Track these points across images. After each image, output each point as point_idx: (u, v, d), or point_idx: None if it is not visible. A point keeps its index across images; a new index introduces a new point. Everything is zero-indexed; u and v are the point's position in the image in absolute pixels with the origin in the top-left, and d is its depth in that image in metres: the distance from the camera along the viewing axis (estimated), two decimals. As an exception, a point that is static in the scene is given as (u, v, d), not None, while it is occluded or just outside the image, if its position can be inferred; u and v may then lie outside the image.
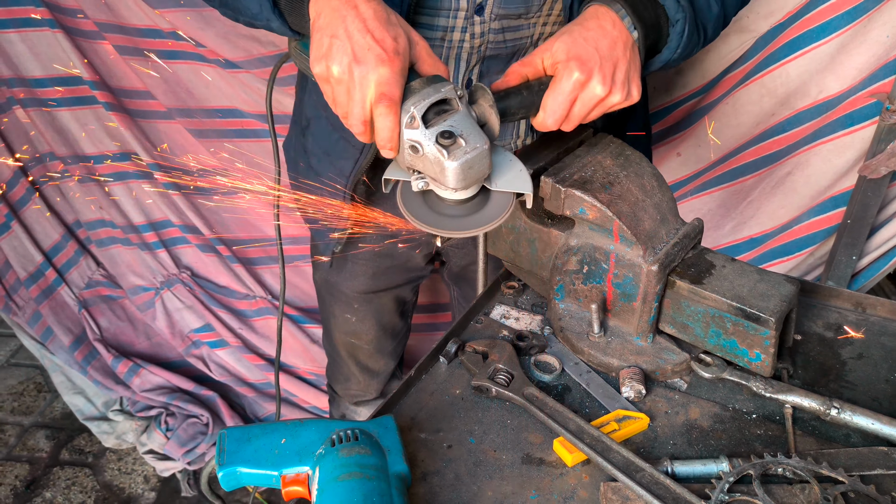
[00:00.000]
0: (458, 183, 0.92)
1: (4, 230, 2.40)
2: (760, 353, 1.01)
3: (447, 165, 0.90)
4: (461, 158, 0.90)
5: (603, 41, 0.99)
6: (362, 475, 0.84)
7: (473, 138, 0.91)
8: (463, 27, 1.19)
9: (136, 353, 2.67)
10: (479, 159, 0.92)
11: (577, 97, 1.00)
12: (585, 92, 0.99)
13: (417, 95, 0.90)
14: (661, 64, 1.12)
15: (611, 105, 1.02)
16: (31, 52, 2.14)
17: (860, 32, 1.64)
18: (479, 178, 0.95)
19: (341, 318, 1.73)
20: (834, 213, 1.85)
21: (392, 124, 0.90)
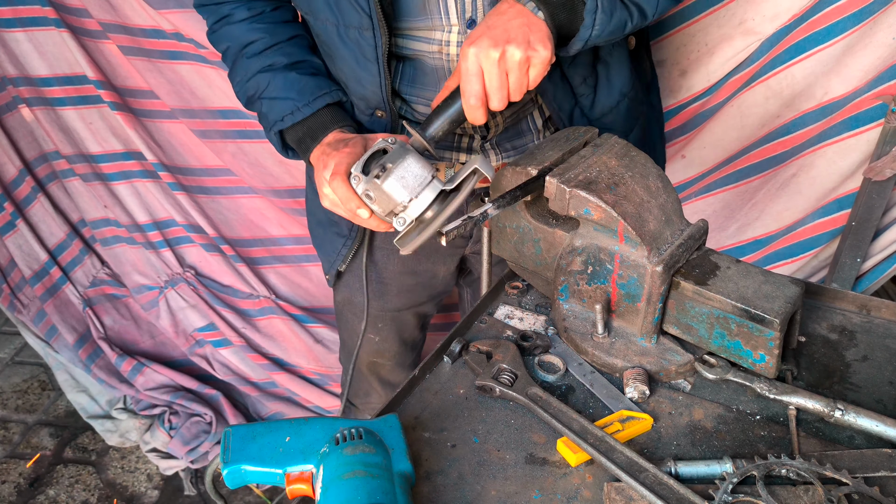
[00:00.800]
0: (402, 194, 1.07)
1: (10, 229, 2.41)
2: (765, 355, 1.01)
3: (385, 186, 1.06)
4: (391, 176, 1.06)
5: (501, 20, 1.05)
6: (366, 473, 0.84)
7: (397, 158, 1.07)
8: (458, 42, 1.22)
9: (139, 351, 2.67)
10: (405, 168, 1.06)
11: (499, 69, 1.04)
12: (507, 60, 1.03)
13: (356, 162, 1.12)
14: (582, 42, 1.14)
15: (542, 61, 1.05)
16: (36, 51, 2.15)
17: (866, 35, 1.64)
18: (420, 181, 1.07)
19: (365, 338, 1.71)
20: (839, 215, 1.85)
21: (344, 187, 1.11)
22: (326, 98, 1.29)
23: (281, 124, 1.29)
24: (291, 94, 1.28)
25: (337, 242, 1.53)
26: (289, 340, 2.56)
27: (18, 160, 2.37)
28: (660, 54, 1.85)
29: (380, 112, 1.32)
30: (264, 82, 1.30)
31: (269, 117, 1.31)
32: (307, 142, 1.27)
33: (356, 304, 1.64)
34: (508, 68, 1.04)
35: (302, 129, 1.28)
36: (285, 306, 2.52)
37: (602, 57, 1.35)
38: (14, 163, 2.36)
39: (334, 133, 1.25)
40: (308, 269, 2.50)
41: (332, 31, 1.24)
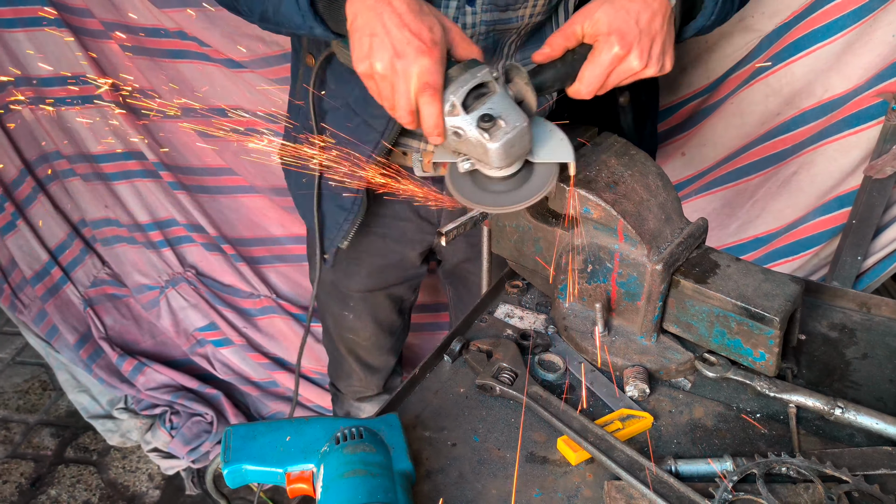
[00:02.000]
0: (502, 161, 0.95)
1: (10, 229, 2.41)
2: (765, 353, 1.01)
3: (489, 147, 0.93)
4: (502, 139, 0.93)
5: (644, 14, 0.99)
6: (367, 473, 0.84)
7: (512, 118, 0.94)
8: (454, 17, 1.18)
9: (140, 351, 2.67)
10: (519, 137, 0.94)
11: (614, 70, 1.01)
12: (623, 65, 1.01)
13: (456, 83, 0.94)
14: (694, 31, 1.12)
15: (644, 76, 1.04)
16: (37, 51, 2.15)
17: (866, 32, 1.63)
18: (522, 154, 0.98)
19: (339, 315, 1.75)
20: (839, 213, 1.85)
21: (437, 111, 0.93)
22: None
23: None
24: None
25: (339, 216, 1.42)
26: (290, 340, 2.56)
27: (19, 160, 2.37)
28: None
29: None
30: None
31: None
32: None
33: (327, 282, 1.66)
34: (633, 79, 1.03)
35: None
36: (286, 306, 2.52)
37: None
38: (14, 163, 2.36)
39: None
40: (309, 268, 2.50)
41: None
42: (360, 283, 1.65)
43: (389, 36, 0.92)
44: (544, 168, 1.01)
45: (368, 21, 0.94)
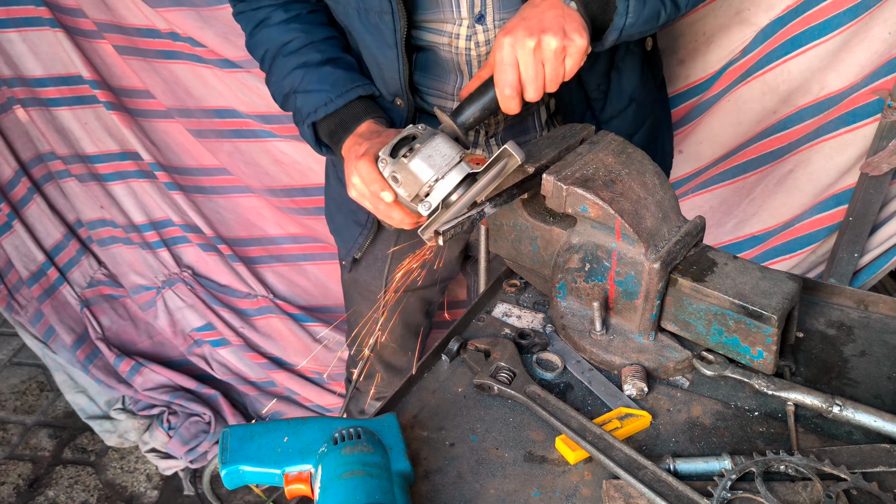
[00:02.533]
0: (431, 172, 1.03)
1: (6, 230, 2.41)
2: (762, 351, 1.01)
3: (412, 165, 1.04)
4: (418, 154, 1.04)
5: (536, 11, 1.06)
6: (365, 473, 0.84)
7: (426, 138, 1.05)
8: (468, 35, 1.24)
9: (137, 351, 2.67)
10: (435, 146, 1.04)
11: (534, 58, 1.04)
12: (543, 49, 1.03)
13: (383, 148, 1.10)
14: (617, 32, 1.14)
15: (578, 50, 1.05)
16: (31, 51, 2.14)
17: (862, 30, 1.64)
18: (450, 160, 1.04)
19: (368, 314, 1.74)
20: (836, 210, 1.85)
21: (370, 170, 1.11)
22: (359, 90, 1.29)
23: (314, 116, 1.30)
24: (325, 87, 1.29)
25: (354, 230, 1.55)
26: (287, 339, 2.56)
27: (14, 161, 2.37)
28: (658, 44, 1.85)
29: (399, 100, 1.33)
30: (299, 77, 1.32)
31: (303, 111, 1.31)
32: (339, 133, 1.27)
33: (360, 282, 1.67)
34: (544, 58, 1.04)
35: (335, 120, 1.29)
36: (283, 305, 2.52)
37: (616, 64, 1.37)
38: (10, 164, 2.36)
39: (367, 123, 1.25)
40: (306, 267, 2.49)
41: (353, 16, 1.25)
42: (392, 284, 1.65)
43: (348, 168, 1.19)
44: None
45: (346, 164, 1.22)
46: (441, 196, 1.05)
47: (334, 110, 1.28)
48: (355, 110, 1.28)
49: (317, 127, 1.33)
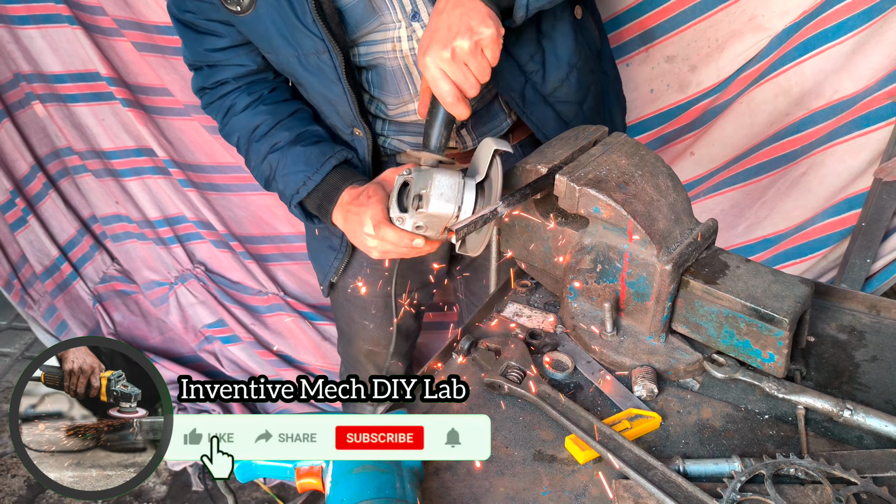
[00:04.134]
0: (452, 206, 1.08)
1: (21, 224, 2.43)
2: (774, 354, 1.01)
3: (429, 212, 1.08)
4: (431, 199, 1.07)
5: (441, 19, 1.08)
6: (376, 469, 0.85)
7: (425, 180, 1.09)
8: (408, 36, 1.25)
9: (149, 347, 2.69)
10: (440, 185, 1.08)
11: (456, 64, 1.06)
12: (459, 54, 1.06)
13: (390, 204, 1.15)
14: (523, 8, 1.15)
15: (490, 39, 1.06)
16: (50, 48, 2.16)
17: (876, 32, 1.63)
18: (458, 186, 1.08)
19: (360, 324, 1.75)
20: (848, 214, 1.84)
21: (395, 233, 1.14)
22: (332, 161, 1.34)
23: (297, 197, 1.36)
24: (300, 167, 1.34)
25: (329, 255, 1.59)
26: (297, 337, 2.57)
27: (30, 156, 2.39)
28: (670, 50, 1.85)
29: (357, 130, 1.38)
30: (275, 162, 1.38)
31: (287, 192, 1.37)
32: (325, 206, 1.33)
33: (350, 290, 1.67)
34: (465, 60, 1.06)
35: (318, 195, 1.34)
36: (294, 303, 2.53)
37: (545, 31, 1.37)
38: (26, 159, 2.38)
39: (348, 191, 1.30)
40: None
41: (294, 63, 1.30)
42: (383, 289, 1.65)
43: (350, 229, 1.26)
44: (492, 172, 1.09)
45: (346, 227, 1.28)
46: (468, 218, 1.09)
47: (314, 187, 1.34)
48: (333, 181, 1.33)
49: (303, 205, 1.39)
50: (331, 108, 1.37)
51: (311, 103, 1.44)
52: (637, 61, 1.89)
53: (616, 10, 1.83)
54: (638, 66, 1.90)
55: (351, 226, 1.25)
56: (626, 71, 1.91)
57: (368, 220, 1.18)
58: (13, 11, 2.10)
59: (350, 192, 1.29)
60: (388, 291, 1.66)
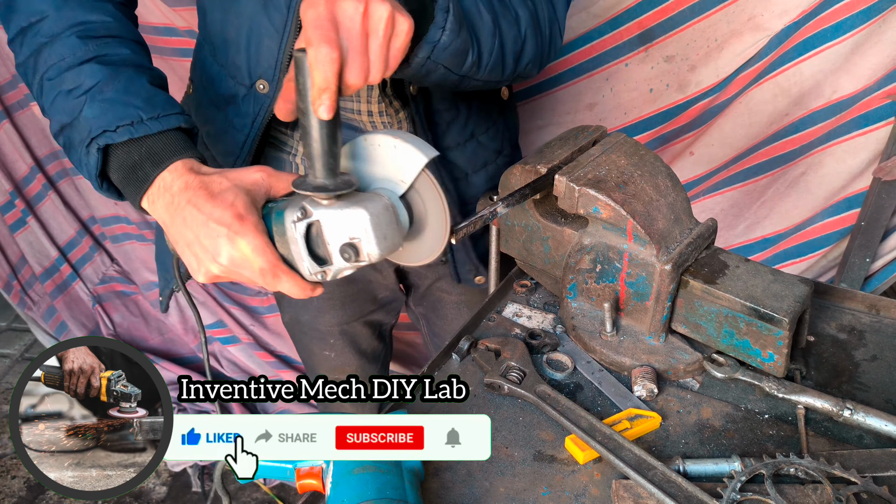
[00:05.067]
0: (393, 247, 0.88)
1: (21, 225, 2.43)
2: (773, 354, 1.01)
3: (375, 260, 0.86)
4: (374, 247, 0.84)
5: None
6: (376, 469, 0.85)
7: (355, 224, 0.83)
8: None
9: (148, 348, 2.69)
10: (380, 228, 0.84)
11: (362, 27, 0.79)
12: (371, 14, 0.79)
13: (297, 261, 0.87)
14: (430, 46, 0.94)
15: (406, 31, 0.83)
16: (48, 49, 2.16)
17: (875, 32, 1.63)
18: (395, 223, 0.88)
19: (320, 355, 1.64)
20: (848, 214, 1.84)
21: (293, 281, 0.88)
22: (181, 119, 0.95)
23: (112, 136, 0.91)
24: (135, 101, 0.93)
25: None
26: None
27: (30, 157, 2.39)
28: (670, 49, 1.85)
29: (263, 84, 1.11)
30: (97, 74, 0.93)
31: (94, 123, 0.91)
32: (146, 168, 0.91)
33: (303, 322, 1.59)
34: (370, 29, 0.79)
35: (139, 150, 0.92)
36: (293, 304, 2.53)
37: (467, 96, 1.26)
38: (25, 160, 2.38)
39: (188, 161, 0.91)
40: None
41: None
42: (338, 317, 1.56)
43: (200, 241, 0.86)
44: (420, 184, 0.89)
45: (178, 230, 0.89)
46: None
47: (144, 135, 0.92)
48: (172, 142, 0.93)
49: (109, 154, 0.93)
50: (245, 40, 1.09)
51: (208, 31, 1.14)
52: (636, 61, 1.89)
53: (615, 10, 1.83)
54: (637, 65, 1.90)
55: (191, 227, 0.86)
56: (625, 71, 1.91)
57: (249, 251, 0.85)
58: (12, 12, 2.10)
59: (191, 164, 0.91)
60: (344, 318, 1.57)
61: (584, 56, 1.93)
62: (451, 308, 1.59)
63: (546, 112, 2.03)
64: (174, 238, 0.90)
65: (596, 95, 1.98)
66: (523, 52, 1.11)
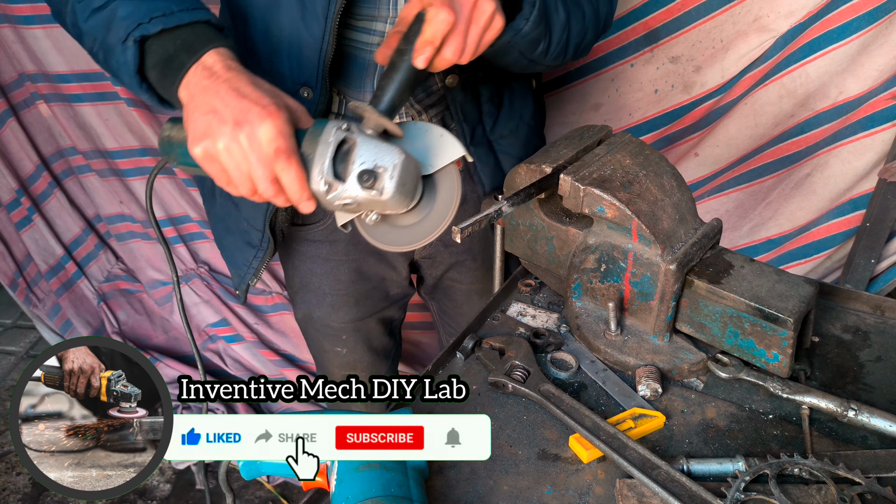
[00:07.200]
0: (404, 203, 0.93)
1: (26, 223, 2.44)
2: (778, 354, 1.01)
3: (385, 199, 0.90)
4: (391, 187, 0.89)
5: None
6: (381, 467, 0.85)
7: (387, 158, 0.89)
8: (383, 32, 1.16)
9: (153, 346, 2.70)
10: (405, 173, 0.90)
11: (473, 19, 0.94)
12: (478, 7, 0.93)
13: (317, 159, 0.89)
14: (513, 33, 1.05)
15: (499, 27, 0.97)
16: (55, 48, 2.17)
17: (881, 34, 1.63)
18: (417, 181, 0.94)
19: (332, 352, 1.66)
20: (853, 215, 1.84)
21: (296, 176, 0.88)
22: (207, 14, 0.98)
23: (147, 27, 0.94)
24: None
25: (248, 253, 1.37)
26: (300, 337, 2.57)
27: (35, 155, 2.40)
28: (675, 50, 1.85)
29: (307, 91, 1.14)
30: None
31: (128, 20, 0.95)
32: (181, 57, 0.93)
33: (316, 319, 1.60)
34: (474, 18, 0.93)
35: (175, 42, 0.94)
36: (297, 303, 2.54)
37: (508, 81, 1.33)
38: (31, 158, 2.39)
39: (223, 51, 0.93)
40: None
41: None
42: (351, 314, 1.58)
43: (228, 108, 0.87)
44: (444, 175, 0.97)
45: (205, 100, 0.89)
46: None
47: (176, 25, 0.94)
48: (204, 33, 0.95)
49: (146, 48, 0.96)
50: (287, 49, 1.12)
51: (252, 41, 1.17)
52: (642, 61, 1.89)
53: (621, 10, 1.83)
54: (643, 66, 1.90)
55: (221, 98, 0.88)
56: (630, 71, 1.91)
57: (266, 134, 0.85)
58: (18, 11, 2.11)
59: (226, 54, 0.93)
60: (358, 315, 1.59)
61: (590, 56, 1.93)
62: (461, 295, 1.63)
63: (552, 112, 2.03)
64: (195, 107, 0.90)
65: (601, 96, 1.98)
66: (582, 43, 1.25)
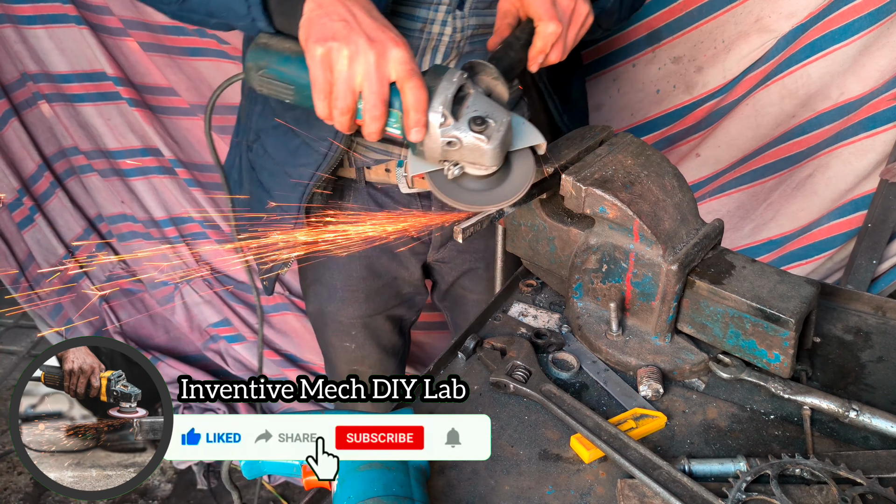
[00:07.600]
0: (497, 160, 0.96)
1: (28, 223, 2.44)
2: (779, 355, 1.01)
3: (487, 148, 0.94)
4: (497, 139, 0.93)
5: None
6: (382, 466, 0.85)
7: (498, 115, 0.94)
8: (443, 20, 1.19)
9: (154, 346, 2.70)
10: (508, 133, 0.96)
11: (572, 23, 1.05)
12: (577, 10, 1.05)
13: (438, 92, 0.92)
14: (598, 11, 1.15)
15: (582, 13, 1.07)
16: (57, 48, 2.17)
17: (883, 35, 1.63)
18: (509, 146, 0.99)
19: (340, 347, 1.67)
20: (854, 216, 1.84)
21: (423, 97, 0.90)
22: None
23: None
24: None
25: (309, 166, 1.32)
26: (302, 337, 2.58)
27: (37, 155, 2.40)
28: (677, 51, 1.85)
29: None
30: None
31: None
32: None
33: (326, 313, 1.60)
34: (573, 20, 1.04)
35: None
36: (299, 303, 2.54)
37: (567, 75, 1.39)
38: (33, 158, 2.39)
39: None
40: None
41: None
42: (361, 309, 1.58)
43: (360, 24, 0.89)
44: (521, 155, 1.01)
45: (337, 10, 0.90)
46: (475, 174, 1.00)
47: None
48: None
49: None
50: None
51: None
52: (643, 62, 1.89)
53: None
54: (644, 66, 1.90)
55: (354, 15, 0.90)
56: (632, 71, 1.91)
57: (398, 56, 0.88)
58: (20, 11, 2.11)
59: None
60: (368, 311, 1.60)
61: (592, 56, 1.93)
62: (471, 305, 1.64)
63: (552, 112, 2.03)
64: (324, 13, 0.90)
65: (603, 96, 1.98)
66: (632, 8, 1.36)
